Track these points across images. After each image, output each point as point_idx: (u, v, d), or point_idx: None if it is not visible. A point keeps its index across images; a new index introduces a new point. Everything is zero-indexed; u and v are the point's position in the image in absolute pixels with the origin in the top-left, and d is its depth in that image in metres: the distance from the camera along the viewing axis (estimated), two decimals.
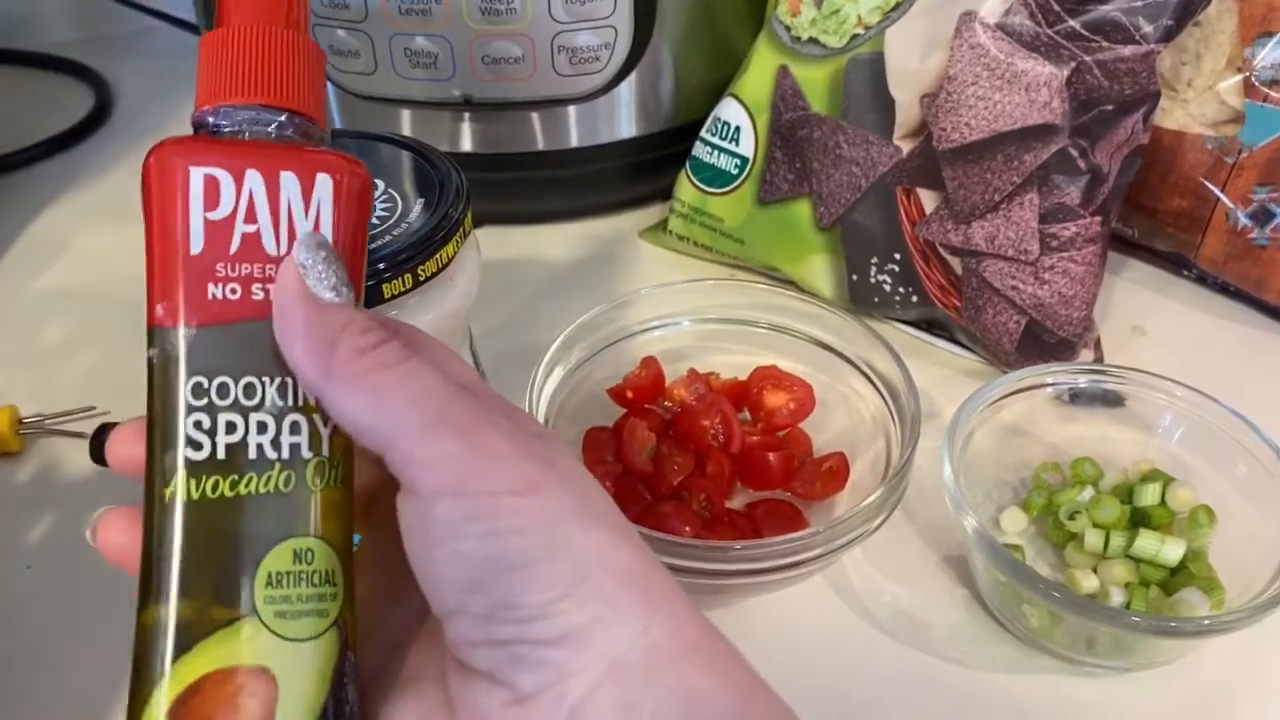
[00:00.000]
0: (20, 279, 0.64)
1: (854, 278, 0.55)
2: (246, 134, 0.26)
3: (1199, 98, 0.55)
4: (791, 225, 0.56)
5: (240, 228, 0.25)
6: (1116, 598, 0.43)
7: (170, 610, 0.24)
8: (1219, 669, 0.42)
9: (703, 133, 0.59)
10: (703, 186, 0.59)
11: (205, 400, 0.24)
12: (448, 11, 0.52)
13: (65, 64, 0.82)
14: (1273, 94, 0.53)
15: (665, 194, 0.63)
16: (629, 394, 0.50)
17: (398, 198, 0.40)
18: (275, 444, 0.25)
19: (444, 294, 0.40)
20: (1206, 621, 0.39)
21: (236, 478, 0.24)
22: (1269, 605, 0.38)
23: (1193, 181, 0.56)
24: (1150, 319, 0.59)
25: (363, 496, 0.27)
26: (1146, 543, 0.43)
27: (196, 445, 0.24)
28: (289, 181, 0.25)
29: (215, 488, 0.24)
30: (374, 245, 0.38)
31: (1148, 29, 0.47)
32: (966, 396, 0.46)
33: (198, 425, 0.24)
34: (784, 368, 0.51)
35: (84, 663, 0.42)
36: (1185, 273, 0.61)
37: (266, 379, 0.25)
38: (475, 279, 0.42)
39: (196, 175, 0.25)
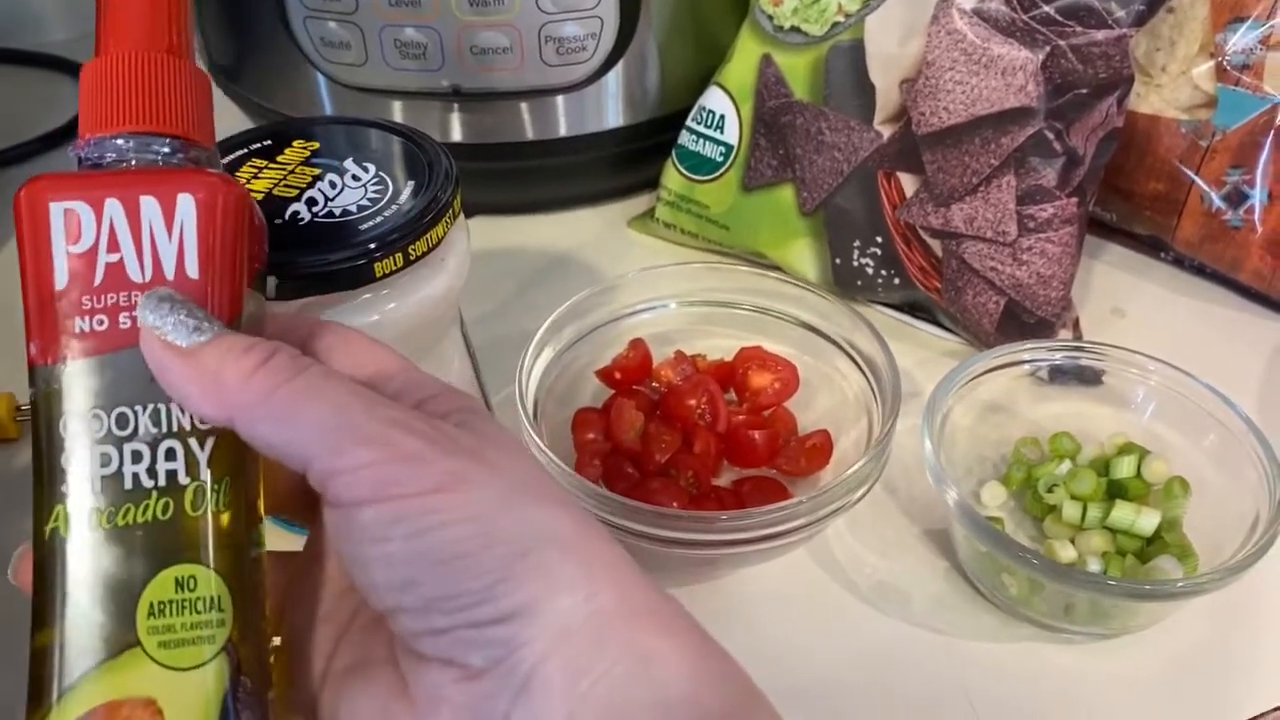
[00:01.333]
0: (14, 273, 0.64)
1: (837, 261, 0.56)
2: (130, 163, 0.26)
3: (1173, 83, 0.56)
4: (775, 211, 0.57)
5: (103, 258, 0.25)
6: (1094, 567, 0.44)
7: (56, 644, 0.24)
8: (1194, 636, 0.43)
9: (688, 121, 0.60)
10: (689, 174, 0.60)
11: (77, 435, 0.25)
12: (436, 3, 0.53)
13: (58, 62, 0.83)
14: (1244, 78, 0.54)
15: (653, 183, 0.64)
16: (617, 375, 0.51)
17: (388, 180, 0.41)
18: (151, 472, 0.25)
19: (434, 274, 0.41)
20: (1180, 584, 0.40)
21: (114, 510, 0.24)
22: (1239, 568, 0.39)
23: (1168, 165, 0.57)
24: (1129, 301, 0.60)
25: (306, 492, 0.26)
26: (1122, 513, 0.44)
27: (86, 467, 0.25)
28: (149, 206, 0.25)
29: (93, 521, 0.24)
30: (365, 225, 0.39)
31: (1120, 14, 0.48)
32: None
33: (70, 459, 0.25)
34: (769, 349, 0.52)
35: None
36: (1163, 255, 0.62)
37: (139, 407, 0.25)
38: (465, 261, 0.43)
39: (57, 210, 0.25)
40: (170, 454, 0.25)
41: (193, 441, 0.25)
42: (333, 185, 0.41)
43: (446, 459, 0.24)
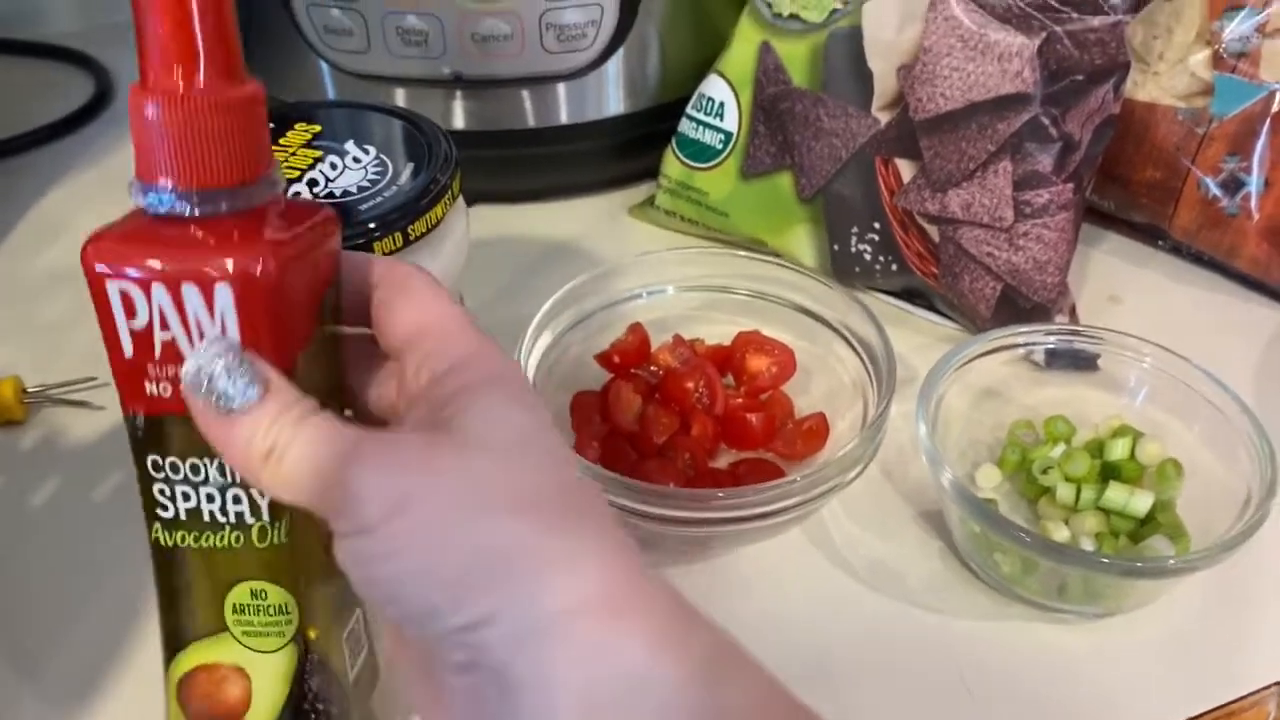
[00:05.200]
0: (23, 259, 0.65)
1: (835, 248, 0.57)
2: (187, 212, 0.26)
3: (1170, 71, 0.56)
4: (774, 197, 0.57)
5: (158, 335, 0.27)
6: (1087, 547, 0.44)
7: (171, 619, 0.31)
8: (1186, 615, 0.44)
9: (688, 109, 0.61)
10: (688, 161, 0.60)
11: (163, 473, 0.28)
12: None
13: (66, 53, 0.84)
14: (1241, 66, 0.54)
15: (653, 171, 0.65)
16: (616, 359, 0.51)
17: (389, 162, 0.42)
18: (223, 511, 0.29)
19: (433, 255, 0.42)
20: (1171, 561, 0.41)
21: (197, 534, 0.29)
22: (1231, 545, 0.40)
23: (1165, 153, 0.57)
24: (1126, 289, 0.61)
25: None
26: (1116, 494, 0.45)
27: (163, 506, 0.29)
28: (191, 294, 0.26)
29: (182, 539, 0.29)
30: (365, 206, 0.40)
31: (1116, 0, 0.49)
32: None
33: (160, 492, 0.29)
34: (766, 333, 0.52)
35: (86, 624, 0.44)
36: (1160, 244, 0.63)
37: (208, 459, 0.28)
38: (464, 243, 0.44)
39: (113, 289, 0.26)
40: (236, 499, 0.28)
41: (254, 492, 0.28)
42: (333, 167, 0.42)
43: (391, 482, 0.25)
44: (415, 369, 0.28)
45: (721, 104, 0.58)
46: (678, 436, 0.48)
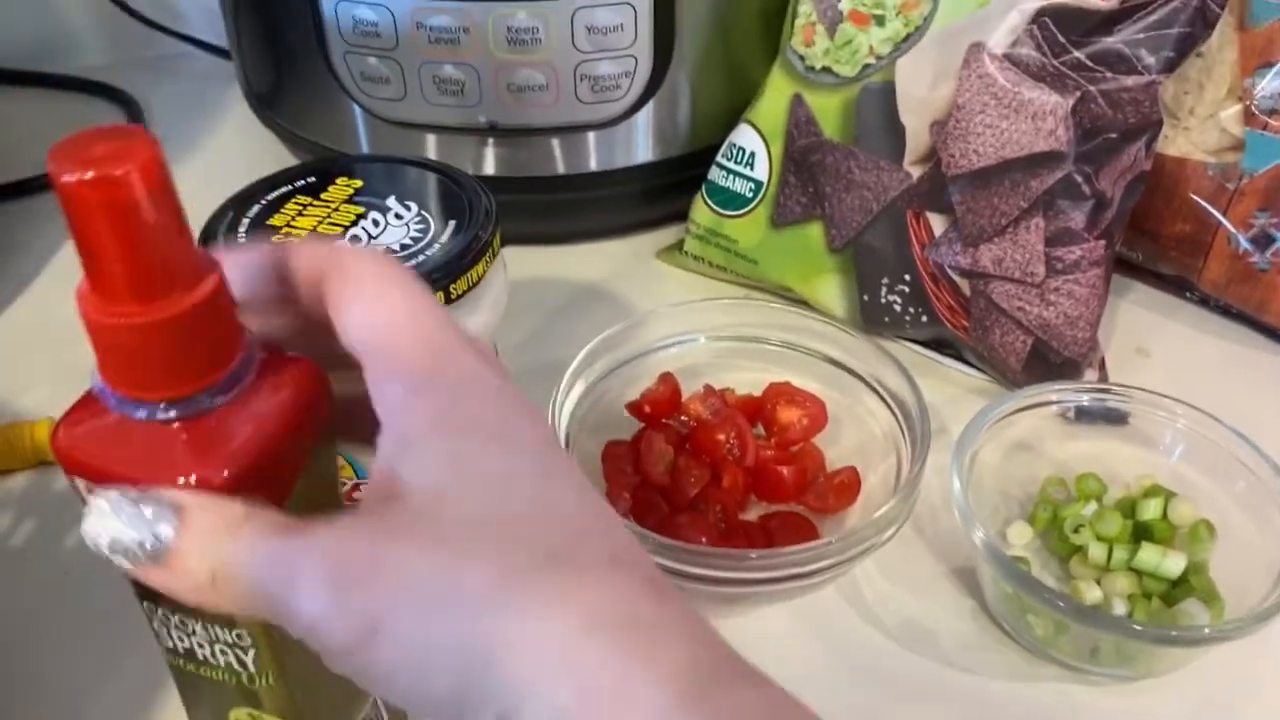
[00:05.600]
0: (54, 301, 0.65)
1: (865, 298, 0.57)
2: (150, 416, 0.25)
3: (1201, 126, 0.57)
4: (804, 247, 0.58)
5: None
6: (1119, 609, 0.44)
7: (189, 711, 0.32)
8: (1220, 681, 0.44)
9: (718, 158, 0.61)
10: (718, 209, 0.61)
11: (157, 618, 0.29)
12: (475, 41, 0.54)
13: (97, 86, 0.84)
14: (1272, 122, 0.54)
15: (681, 216, 0.65)
16: (647, 408, 0.52)
17: (429, 219, 0.42)
18: (214, 655, 0.29)
19: (472, 311, 0.42)
20: (1206, 630, 0.41)
21: (196, 665, 0.29)
22: (1266, 615, 0.40)
23: (1195, 207, 0.57)
24: (1154, 341, 0.61)
25: None
26: (1148, 556, 0.45)
27: (166, 637, 0.29)
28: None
29: (185, 664, 0.30)
30: (407, 264, 0.40)
31: (1150, 60, 0.49)
32: (974, 413, 0.48)
33: (158, 630, 0.29)
34: (797, 384, 0.53)
35: (120, 667, 0.44)
36: (1188, 295, 0.63)
37: (192, 618, 0.28)
38: (503, 298, 0.44)
39: (80, 482, 0.25)
40: (224, 651, 0.29)
41: (239, 651, 0.29)
42: (375, 224, 0.42)
43: (350, 605, 0.23)
44: (373, 389, 0.25)
45: (752, 154, 0.59)
46: (709, 489, 0.48)
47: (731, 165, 0.60)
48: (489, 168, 0.61)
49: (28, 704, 0.43)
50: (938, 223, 0.54)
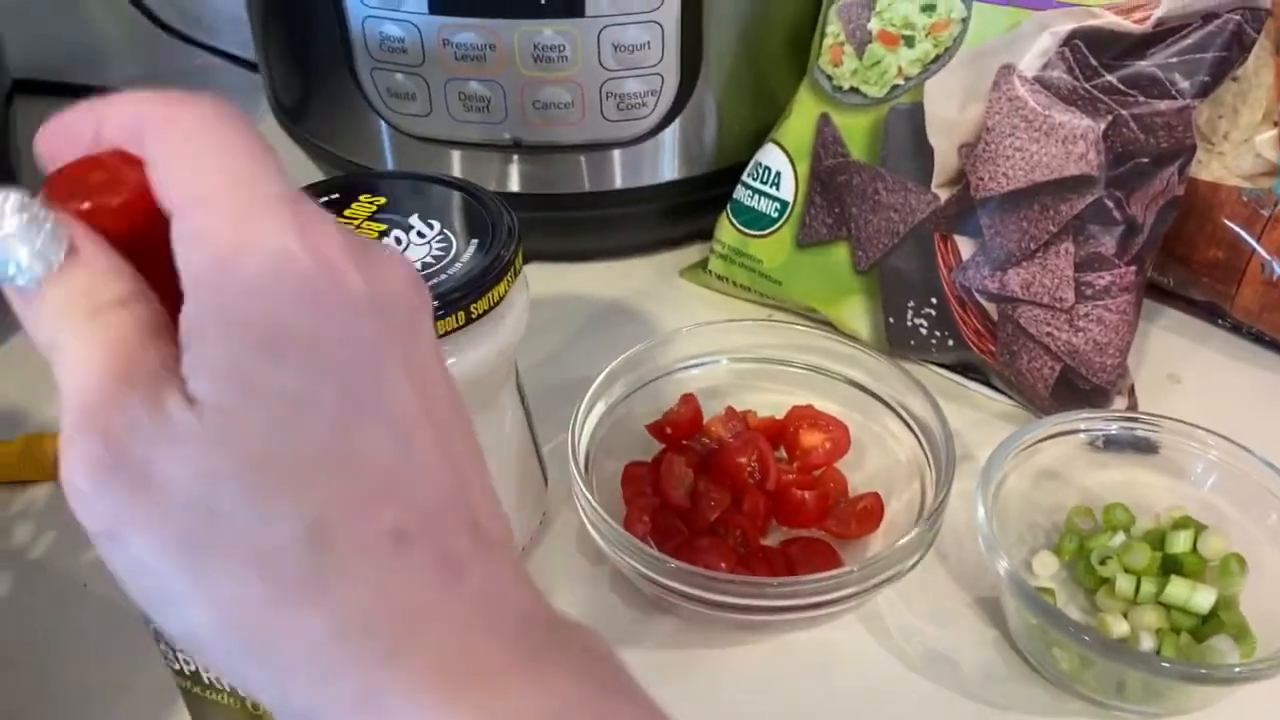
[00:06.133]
0: None
1: (890, 320, 0.56)
2: None
3: (1235, 150, 0.56)
4: (829, 268, 0.57)
5: None
6: (1147, 643, 0.43)
7: None
8: (1251, 719, 0.43)
9: (744, 177, 0.61)
10: (743, 229, 0.60)
11: (163, 642, 0.31)
12: (501, 58, 0.54)
13: None
14: None
15: (705, 234, 0.65)
16: (668, 430, 0.51)
17: (452, 237, 0.42)
18: (219, 679, 0.30)
19: (494, 330, 0.42)
20: (1237, 669, 0.40)
21: (202, 688, 0.31)
22: None
23: (1228, 233, 0.57)
24: (1185, 367, 0.60)
25: None
26: (1177, 590, 0.44)
27: (173, 659, 0.31)
28: None
29: (192, 687, 0.31)
30: (431, 284, 0.40)
31: (1184, 85, 0.48)
32: (1000, 440, 0.47)
33: (169, 648, 0.31)
34: (820, 408, 0.52)
35: (133, 684, 0.44)
36: (1220, 322, 0.62)
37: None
38: (524, 316, 0.44)
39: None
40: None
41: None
42: (398, 242, 0.42)
43: (104, 495, 0.21)
44: (177, 259, 0.22)
45: (778, 173, 0.58)
46: (729, 513, 0.48)
47: (757, 185, 0.60)
48: (513, 184, 0.61)
49: (41, 716, 0.43)
50: (965, 246, 0.53)
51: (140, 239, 0.23)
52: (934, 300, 0.55)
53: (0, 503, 0.52)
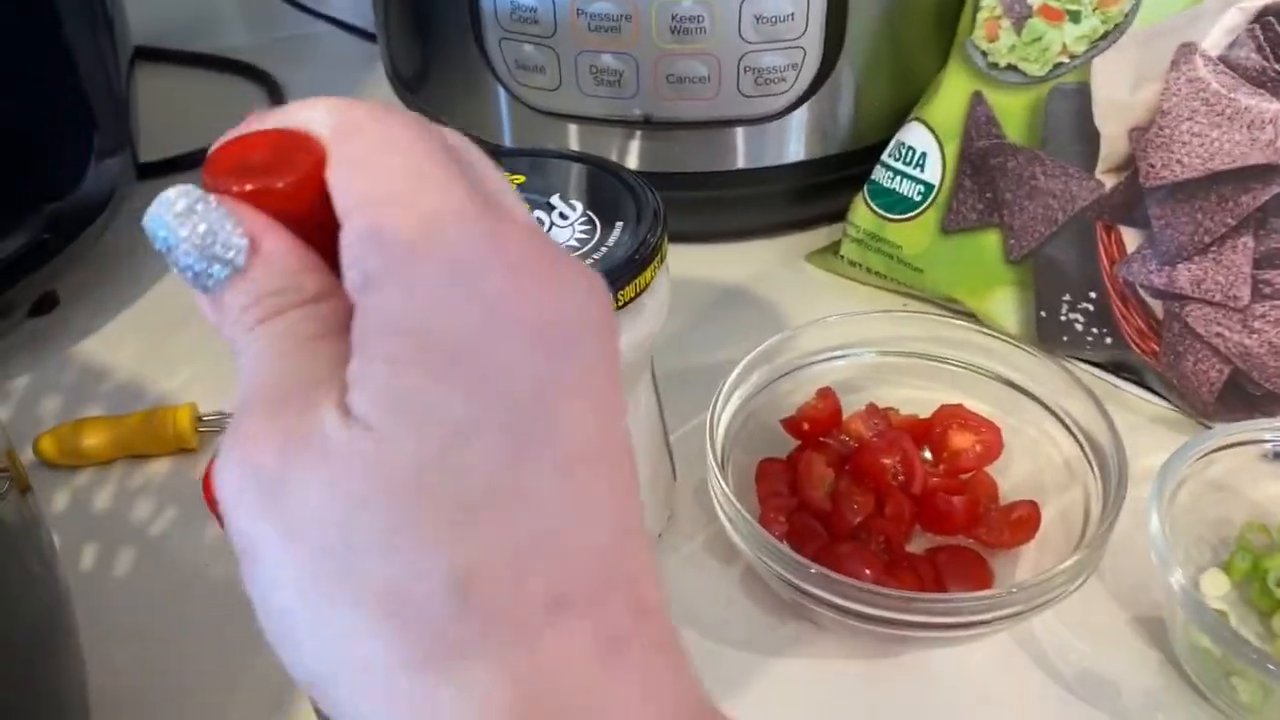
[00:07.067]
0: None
1: (1042, 314, 0.53)
2: None
3: None
4: (977, 256, 0.54)
5: None
6: None
7: None
8: None
9: (884, 157, 0.57)
10: (881, 212, 0.57)
11: None
12: (637, 29, 0.52)
13: (240, 66, 0.84)
14: None
15: (834, 217, 0.62)
16: (805, 426, 0.49)
17: (596, 220, 0.40)
18: None
19: (637, 318, 0.40)
20: None
21: None
22: None
23: None
24: None
25: None
26: None
27: None
28: None
29: None
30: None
31: None
32: (1158, 445, 0.44)
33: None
34: (968, 406, 0.49)
35: (247, 675, 0.43)
36: None
37: None
38: (666, 303, 0.42)
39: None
40: None
41: None
42: (540, 223, 0.40)
43: (246, 512, 0.19)
44: (343, 267, 0.21)
45: (923, 154, 0.55)
46: (872, 517, 0.45)
47: (899, 165, 0.56)
48: (632, 161, 0.59)
49: (160, 693, 0.43)
50: (1131, 238, 0.49)
51: (300, 224, 0.22)
52: (1093, 294, 0.51)
53: (121, 475, 0.52)
